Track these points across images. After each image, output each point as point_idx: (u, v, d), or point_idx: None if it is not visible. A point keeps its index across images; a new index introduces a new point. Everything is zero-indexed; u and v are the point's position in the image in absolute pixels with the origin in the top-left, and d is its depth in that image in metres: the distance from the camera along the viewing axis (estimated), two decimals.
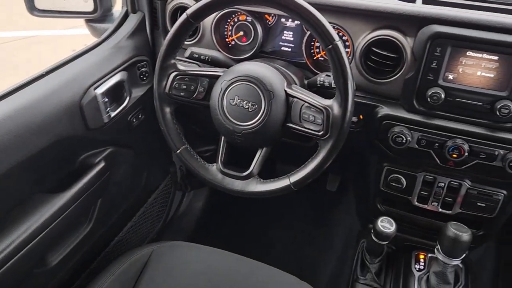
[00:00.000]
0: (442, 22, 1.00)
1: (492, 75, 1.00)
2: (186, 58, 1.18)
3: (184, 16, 0.98)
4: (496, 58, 0.98)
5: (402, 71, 1.07)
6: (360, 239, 1.42)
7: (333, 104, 0.94)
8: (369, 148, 1.22)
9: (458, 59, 1.01)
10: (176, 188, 1.83)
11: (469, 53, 1.00)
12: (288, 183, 1.00)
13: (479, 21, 0.97)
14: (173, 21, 1.29)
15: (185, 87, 1.06)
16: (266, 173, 1.07)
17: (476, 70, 1.01)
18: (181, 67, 1.07)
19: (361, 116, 1.16)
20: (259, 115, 0.98)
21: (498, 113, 0.99)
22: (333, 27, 1.08)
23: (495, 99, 1.00)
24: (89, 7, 1.32)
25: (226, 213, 2.02)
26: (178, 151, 1.09)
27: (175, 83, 1.06)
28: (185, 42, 1.25)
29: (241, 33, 1.27)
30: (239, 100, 0.99)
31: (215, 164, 1.09)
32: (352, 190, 1.87)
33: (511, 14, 1.00)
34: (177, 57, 1.07)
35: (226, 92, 1.01)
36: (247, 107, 0.99)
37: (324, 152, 0.96)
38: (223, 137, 1.08)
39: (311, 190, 2.01)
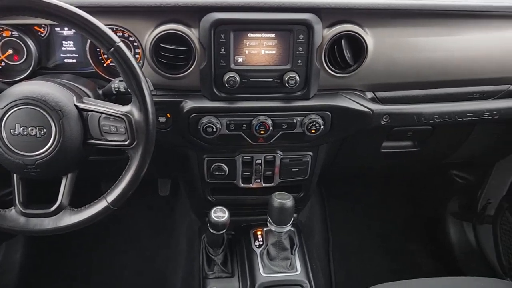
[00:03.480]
0: (219, 9, 1.03)
1: (274, 52, 1.08)
2: None
3: None
4: (273, 35, 1.06)
5: (195, 62, 1.08)
6: (202, 235, 1.42)
7: (132, 109, 0.88)
8: (185, 144, 1.20)
9: (242, 42, 1.06)
10: None
11: (250, 34, 1.06)
12: (106, 204, 0.92)
13: (251, 3, 1.03)
14: None
15: None
16: (90, 199, 0.96)
17: (260, 50, 1.07)
18: None
19: (168, 115, 1.13)
20: (51, 139, 0.87)
21: (287, 85, 1.08)
22: (113, 29, 1.02)
23: (282, 73, 1.09)
24: None
25: (59, 253, 1.78)
26: None
27: None
28: None
29: (10, 51, 1.09)
30: (22, 128, 0.86)
31: (13, 207, 0.92)
32: (183, 189, 1.86)
33: None
34: None
35: (3, 122, 0.86)
36: (34, 133, 0.86)
37: (136, 161, 0.90)
38: (14, 174, 0.92)
39: (146, 201, 1.93)
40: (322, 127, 1.14)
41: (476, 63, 1.19)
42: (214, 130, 1.11)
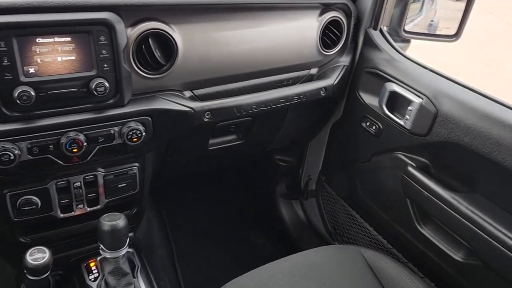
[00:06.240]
0: None
1: (74, 57, 0.94)
2: None
3: None
4: (69, 39, 0.92)
5: None
6: (20, 285, 1.17)
7: None
8: None
9: (31, 49, 0.89)
10: None
11: (39, 40, 0.90)
12: None
13: (31, 3, 0.87)
14: None
15: None
16: None
17: (55, 57, 0.92)
18: None
19: None
20: None
21: (96, 93, 0.96)
22: None
23: (87, 80, 0.96)
24: None
25: None
26: None
27: None
28: None
29: None
30: None
31: None
32: None
33: None
34: None
35: None
36: None
37: None
38: None
39: None
40: (144, 133, 1.06)
41: (277, 52, 1.27)
42: (12, 158, 0.92)
